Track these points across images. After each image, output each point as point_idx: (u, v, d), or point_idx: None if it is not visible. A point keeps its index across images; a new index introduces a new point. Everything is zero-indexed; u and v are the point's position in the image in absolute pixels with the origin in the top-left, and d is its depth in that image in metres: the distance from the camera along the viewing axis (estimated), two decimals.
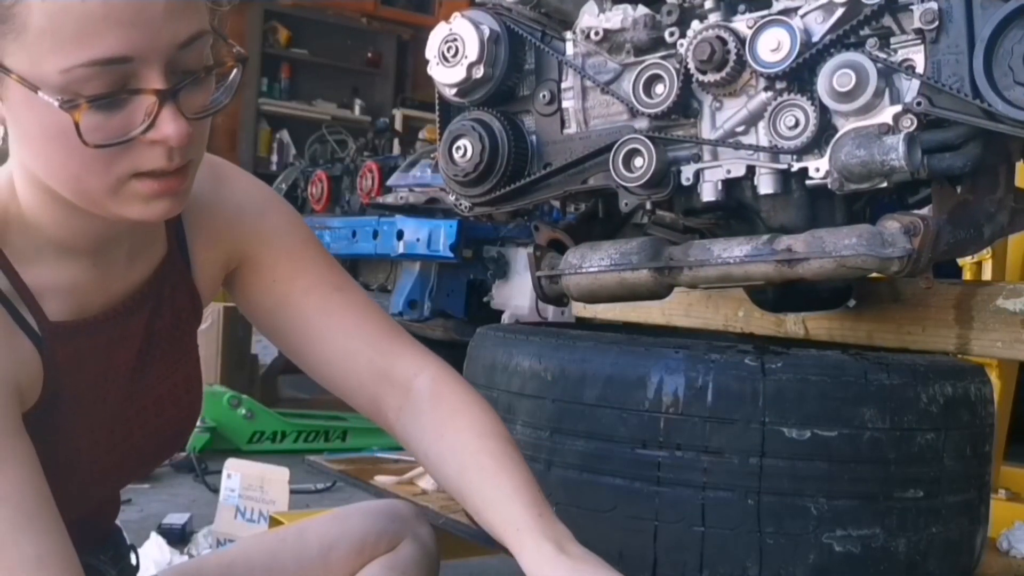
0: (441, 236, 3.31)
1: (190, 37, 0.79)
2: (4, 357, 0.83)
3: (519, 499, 0.97)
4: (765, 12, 1.34)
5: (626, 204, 1.48)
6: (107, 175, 0.80)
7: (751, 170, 1.37)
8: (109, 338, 0.94)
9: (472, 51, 1.51)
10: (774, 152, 1.34)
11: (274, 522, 2.00)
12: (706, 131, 1.41)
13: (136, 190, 0.82)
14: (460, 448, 1.02)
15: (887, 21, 1.27)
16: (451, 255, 3.30)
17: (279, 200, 1.11)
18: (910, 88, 1.25)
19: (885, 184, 1.26)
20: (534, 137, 1.57)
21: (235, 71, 0.85)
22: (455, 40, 1.52)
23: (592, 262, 1.45)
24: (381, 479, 1.90)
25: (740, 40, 1.33)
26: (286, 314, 1.06)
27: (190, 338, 1.04)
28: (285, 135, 7.14)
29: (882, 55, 1.25)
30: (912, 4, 1.23)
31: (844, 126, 1.28)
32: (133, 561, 1.12)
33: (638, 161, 1.40)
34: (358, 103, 7.55)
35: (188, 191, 0.86)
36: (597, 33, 1.45)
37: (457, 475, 1.02)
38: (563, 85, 1.53)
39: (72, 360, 0.90)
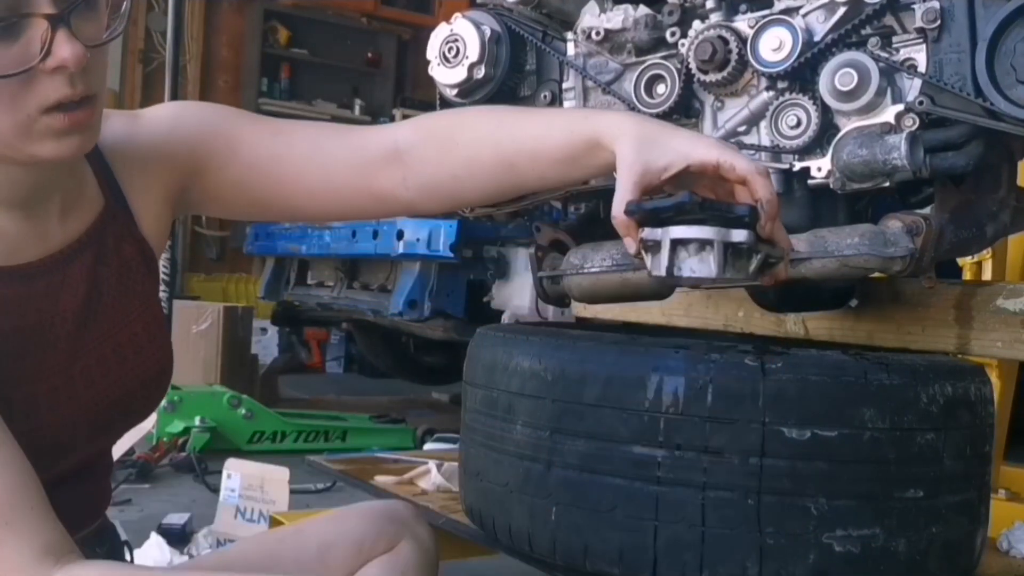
0: (441, 236, 3.31)
1: None
2: None
3: (570, 110, 0.97)
4: (766, 12, 1.34)
5: None
6: (15, 112, 0.82)
7: None
8: (49, 283, 0.95)
9: (473, 51, 1.51)
10: (776, 152, 1.33)
11: (274, 522, 2.00)
12: (707, 131, 1.41)
13: (47, 125, 0.83)
14: (480, 135, 1.02)
15: (889, 20, 1.27)
16: (451, 255, 3.30)
17: (184, 104, 1.13)
18: (912, 87, 1.25)
19: (887, 183, 1.25)
20: None
21: (126, 3, 0.87)
22: (456, 40, 1.52)
23: (594, 262, 1.45)
24: (381, 479, 1.90)
25: (741, 40, 1.33)
26: (250, 186, 1.07)
27: (144, 288, 1.04)
28: None
29: (884, 54, 1.25)
30: (914, 3, 1.23)
31: (846, 125, 1.28)
32: (128, 558, 1.12)
33: None
34: (358, 103, 7.55)
35: (97, 127, 0.88)
36: (598, 33, 1.45)
37: (496, 152, 1.02)
38: (564, 85, 1.53)
39: (6, 305, 0.91)
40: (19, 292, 0.92)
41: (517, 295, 3.32)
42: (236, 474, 2.26)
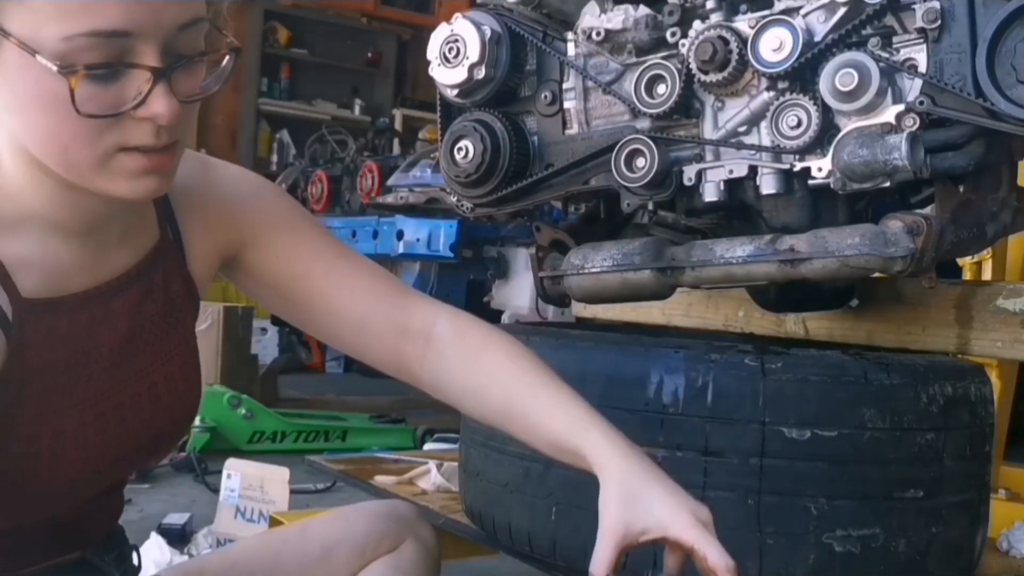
0: (441, 236, 3.31)
1: (189, 20, 0.81)
2: None
3: (577, 403, 1.00)
4: (767, 12, 1.34)
5: (628, 204, 1.47)
6: (95, 147, 0.81)
7: (753, 170, 1.37)
8: (92, 316, 0.93)
9: (473, 52, 1.51)
10: (776, 152, 1.33)
11: (274, 522, 2.00)
12: (708, 131, 1.41)
13: (123, 165, 0.83)
14: (499, 372, 1.03)
15: (889, 20, 1.26)
16: (451, 255, 3.31)
17: (268, 182, 1.13)
18: (912, 87, 1.25)
19: (888, 184, 1.25)
20: (536, 138, 1.57)
21: (227, 59, 0.86)
22: (456, 41, 1.52)
23: (594, 263, 1.45)
24: (381, 479, 1.90)
25: (742, 40, 1.33)
26: (295, 287, 1.07)
27: (185, 327, 1.04)
28: (285, 135, 7.14)
29: (884, 54, 1.25)
30: (914, 3, 1.23)
31: (846, 126, 1.28)
32: (136, 561, 1.12)
33: (640, 161, 1.40)
34: (358, 103, 7.54)
35: (173, 172, 0.87)
36: (599, 33, 1.45)
37: (502, 399, 1.03)
38: (565, 86, 1.53)
39: (47, 338, 0.89)
40: (60, 325, 0.90)
41: (517, 295, 3.32)
42: (236, 474, 2.25)
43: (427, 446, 3.13)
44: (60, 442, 0.91)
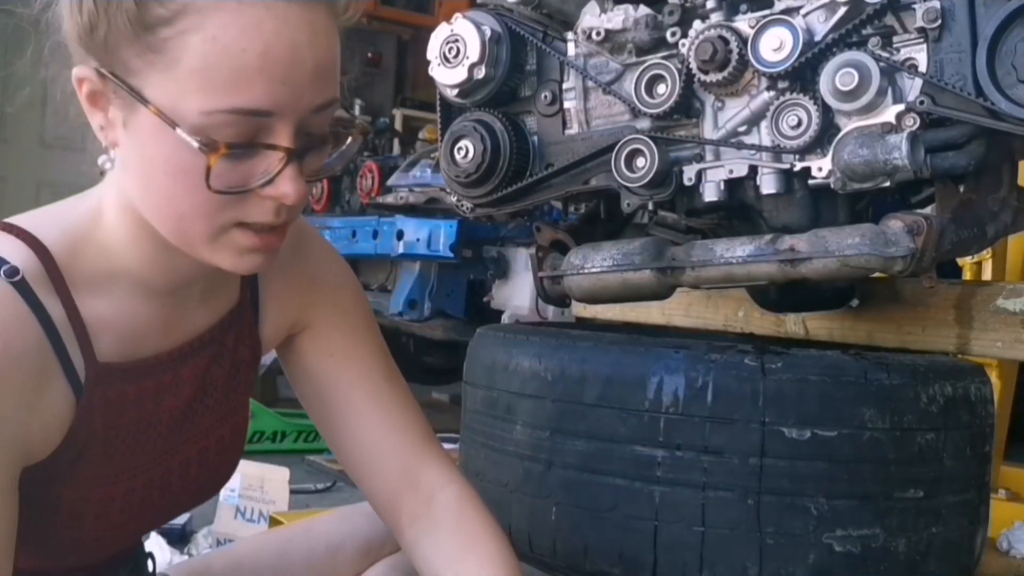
0: (441, 236, 3.30)
1: (326, 102, 0.80)
2: (21, 414, 0.79)
3: None
4: (767, 12, 1.34)
5: (628, 204, 1.47)
6: (213, 220, 0.79)
7: (753, 170, 1.37)
8: (159, 384, 0.91)
9: (473, 52, 1.51)
10: (776, 152, 1.33)
11: (274, 522, 2.00)
12: (708, 131, 1.41)
13: (234, 240, 0.81)
14: (488, 569, 0.99)
15: (889, 20, 1.26)
16: (451, 255, 3.30)
17: (354, 277, 1.11)
18: (913, 87, 1.25)
19: (888, 183, 1.25)
20: (536, 138, 1.57)
21: (351, 140, 0.85)
22: (456, 41, 1.52)
23: (594, 263, 1.45)
24: None
25: (742, 40, 1.33)
26: (332, 392, 1.05)
27: (245, 388, 1.02)
28: None
29: (885, 54, 1.25)
30: (914, 3, 1.23)
31: (847, 125, 1.28)
32: (150, 568, 1.11)
33: (640, 161, 1.40)
34: (358, 103, 7.53)
35: (279, 250, 0.85)
36: (599, 33, 1.45)
37: None
38: (565, 86, 1.53)
39: (113, 404, 0.87)
40: (128, 391, 0.88)
41: (517, 295, 3.31)
42: (236, 474, 2.25)
43: None
44: (107, 506, 0.90)
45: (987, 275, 2.27)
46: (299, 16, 0.76)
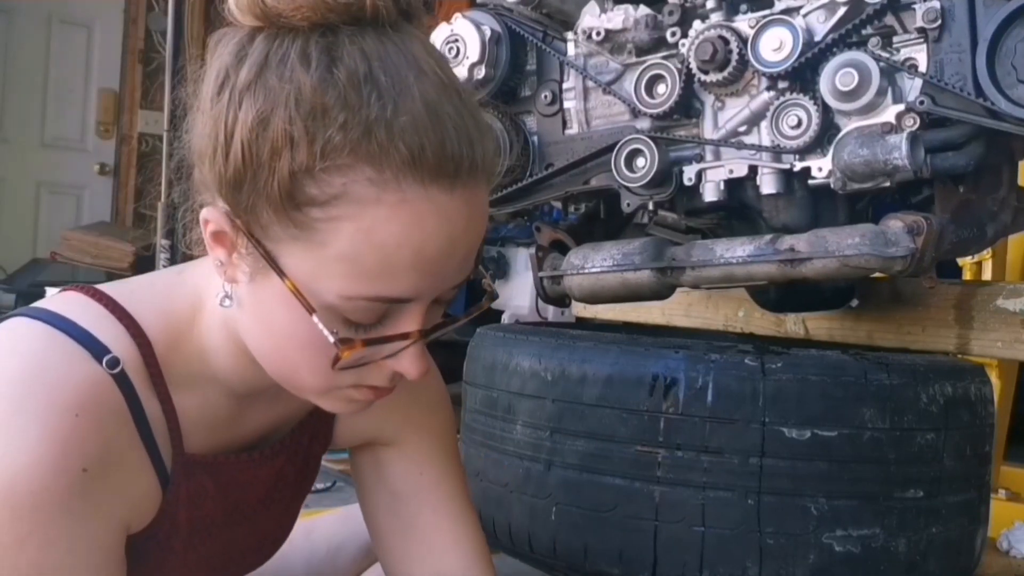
0: None
1: (464, 280, 0.78)
2: (120, 497, 0.77)
3: None
4: (767, 12, 1.34)
5: (628, 204, 1.48)
6: (329, 382, 0.77)
7: (753, 170, 1.37)
8: (236, 481, 0.90)
9: (473, 52, 1.51)
10: (776, 152, 1.33)
11: None
12: (708, 131, 1.41)
13: (347, 395, 0.79)
14: None
15: (889, 20, 1.27)
16: None
17: (446, 396, 1.08)
18: (913, 87, 1.25)
19: (888, 183, 1.25)
20: (536, 137, 1.57)
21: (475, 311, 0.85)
22: (456, 41, 1.52)
23: (594, 263, 1.45)
24: None
25: (742, 40, 1.33)
26: (416, 510, 1.02)
27: (312, 480, 1.00)
28: None
29: (884, 54, 1.25)
30: (914, 3, 1.23)
31: (847, 125, 1.28)
32: None
33: (640, 161, 1.40)
34: None
35: None
36: (599, 33, 1.45)
37: None
38: (565, 85, 1.53)
39: (194, 497, 0.86)
40: (208, 485, 0.87)
41: (517, 295, 3.31)
42: None
43: None
44: None
45: (987, 275, 2.27)
46: (459, 206, 0.71)
